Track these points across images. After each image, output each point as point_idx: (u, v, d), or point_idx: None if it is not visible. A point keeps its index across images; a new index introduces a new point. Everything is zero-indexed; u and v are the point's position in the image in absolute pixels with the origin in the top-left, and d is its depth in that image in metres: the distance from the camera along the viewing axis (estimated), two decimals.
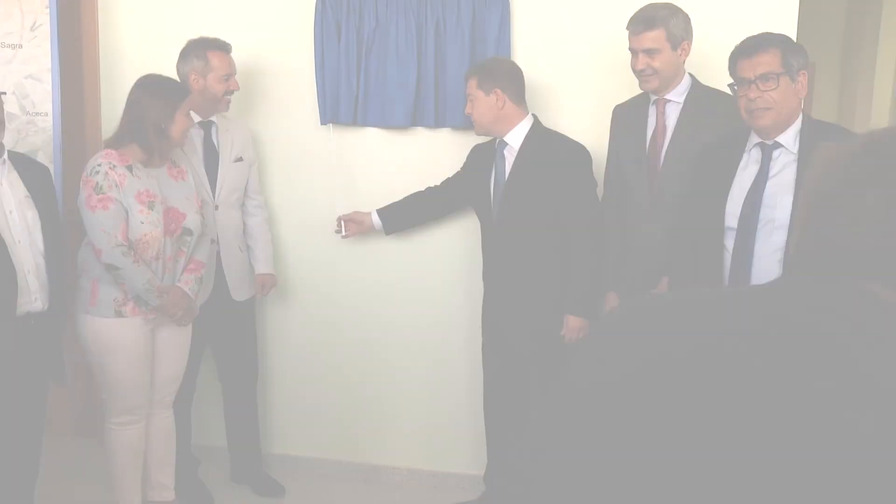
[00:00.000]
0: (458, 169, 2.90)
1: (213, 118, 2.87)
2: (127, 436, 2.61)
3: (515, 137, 2.65)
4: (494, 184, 2.70)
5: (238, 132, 2.94)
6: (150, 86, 2.49)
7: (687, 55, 2.43)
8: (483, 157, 2.76)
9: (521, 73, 2.67)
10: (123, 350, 2.50)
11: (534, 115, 2.70)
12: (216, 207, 2.84)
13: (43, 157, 2.97)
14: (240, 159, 2.92)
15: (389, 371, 3.21)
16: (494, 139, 2.73)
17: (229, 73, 2.81)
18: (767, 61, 2.01)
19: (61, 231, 2.50)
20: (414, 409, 3.21)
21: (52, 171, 2.96)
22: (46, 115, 3.00)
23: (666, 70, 2.42)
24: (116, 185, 2.41)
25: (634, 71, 2.45)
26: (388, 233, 2.99)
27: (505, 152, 2.68)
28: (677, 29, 2.39)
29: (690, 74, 2.48)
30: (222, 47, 2.81)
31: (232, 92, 2.83)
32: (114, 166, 2.42)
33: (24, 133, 2.98)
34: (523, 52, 2.83)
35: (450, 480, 3.20)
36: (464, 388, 3.15)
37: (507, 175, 2.66)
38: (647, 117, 2.52)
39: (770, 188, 2.04)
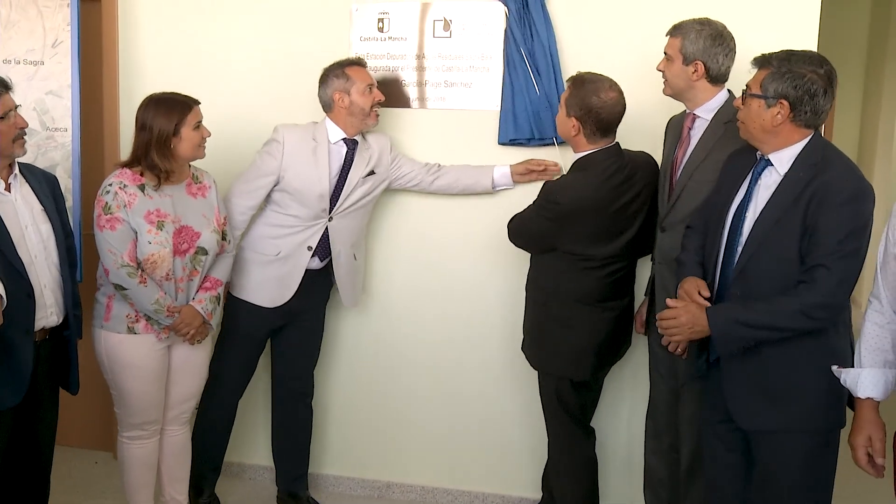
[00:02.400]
0: None
1: (357, 137, 2.86)
2: (139, 451, 2.62)
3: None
4: None
5: (375, 145, 2.92)
6: (152, 104, 2.48)
7: (700, 76, 2.38)
8: None
9: (616, 109, 2.48)
10: (135, 366, 2.51)
11: (617, 144, 2.55)
12: (330, 219, 2.83)
13: (62, 173, 3.00)
14: (371, 173, 2.88)
15: (405, 387, 3.19)
16: None
17: (371, 84, 2.81)
18: (754, 78, 2.03)
19: (72, 240, 2.50)
20: (429, 425, 3.19)
21: (71, 186, 3.02)
22: (66, 130, 3.03)
23: (673, 81, 2.43)
24: (125, 206, 2.41)
25: None
26: None
27: None
28: (693, 46, 2.37)
29: (729, 91, 2.43)
30: (358, 62, 2.84)
31: (378, 103, 2.83)
32: (124, 186, 2.43)
33: (43, 148, 3.02)
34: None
35: (462, 498, 3.18)
36: (480, 407, 3.13)
37: None
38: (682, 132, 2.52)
39: (752, 205, 2.03)
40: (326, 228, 2.82)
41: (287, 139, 2.79)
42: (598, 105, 2.46)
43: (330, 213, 2.82)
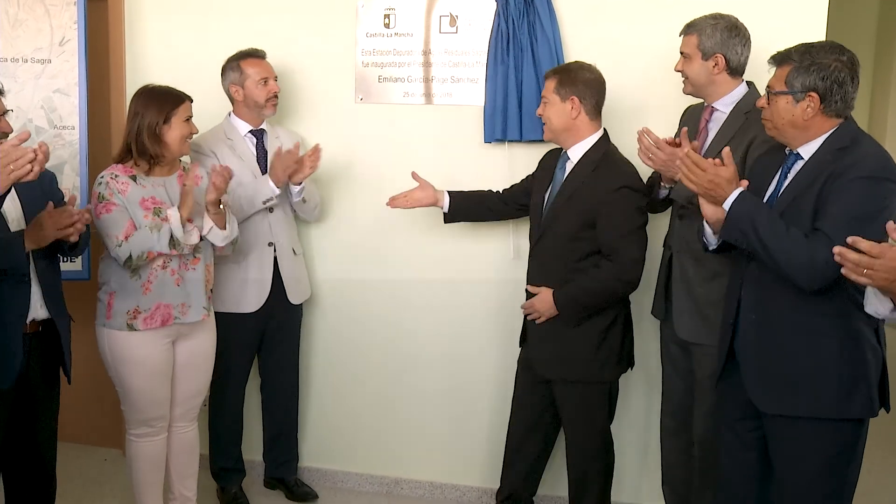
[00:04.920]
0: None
1: (263, 126, 2.93)
2: (146, 448, 2.62)
3: (578, 152, 2.54)
4: (549, 194, 2.62)
5: (286, 138, 2.99)
6: (144, 95, 2.54)
7: (721, 70, 2.38)
8: (549, 164, 2.69)
9: (604, 84, 2.54)
10: (137, 363, 2.52)
11: (605, 129, 2.58)
12: (271, 211, 2.89)
13: (69, 170, 3.02)
14: None
15: (413, 384, 3.19)
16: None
17: (266, 77, 2.86)
18: (775, 76, 2.00)
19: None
20: (437, 422, 3.19)
21: (79, 184, 3.03)
22: (73, 128, 3.04)
23: (694, 78, 2.42)
24: (118, 193, 2.47)
25: None
26: (448, 221, 2.86)
27: (566, 165, 2.58)
28: (710, 41, 2.37)
29: (748, 84, 2.43)
30: (255, 54, 2.88)
31: (274, 95, 2.88)
32: (116, 176, 2.49)
33: (51, 146, 3.00)
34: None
35: (471, 494, 3.18)
36: (488, 403, 3.12)
37: (558, 188, 2.58)
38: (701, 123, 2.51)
39: (781, 194, 1.99)
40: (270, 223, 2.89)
41: (204, 147, 2.82)
42: (590, 78, 2.50)
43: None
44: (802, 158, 1.98)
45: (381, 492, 3.25)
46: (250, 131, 2.91)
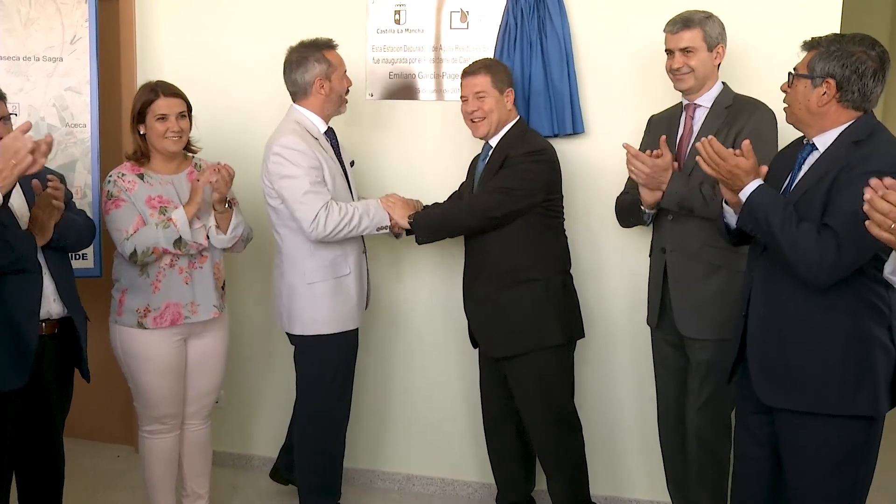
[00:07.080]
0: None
1: (330, 124, 2.75)
2: (159, 444, 2.63)
3: (498, 137, 2.68)
4: (475, 185, 2.73)
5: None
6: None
7: (721, 59, 2.47)
8: (473, 165, 2.82)
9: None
10: (148, 360, 2.53)
11: (521, 117, 2.72)
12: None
13: (81, 168, 3.03)
14: (352, 163, 2.84)
15: (424, 382, 3.20)
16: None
17: (345, 69, 2.70)
18: (802, 60, 1.98)
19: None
20: (448, 419, 3.19)
21: (90, 182, 3.04)
22: (85, 126, 3.06)
23: (700, 70, 2.47)
24: (125, 191, 2.49)
25: (670, 71, 2.51)
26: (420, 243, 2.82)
27: (488, 153, 2.69)
28: (713, 32, 2.46)
29: (723, 83, 2.51)
30: (334, 45, 2.68)
31: (348, 90, 2.73)
32: (123, 175, 2.52)
33: (62, 144, 3.03)
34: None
35: (482, 490, 3.18)
36: None
37: (481, 174, 2.70)
38: (680, 124, 2.56)
39: (794, 186, 1.98)
40: None
41: (298, 145, 2.54)
42: (510, 70, 2.69)
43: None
44: (818, 150, 1.96)
45: (392, 488, 3.26)
46: (324, 132, 2.69)
